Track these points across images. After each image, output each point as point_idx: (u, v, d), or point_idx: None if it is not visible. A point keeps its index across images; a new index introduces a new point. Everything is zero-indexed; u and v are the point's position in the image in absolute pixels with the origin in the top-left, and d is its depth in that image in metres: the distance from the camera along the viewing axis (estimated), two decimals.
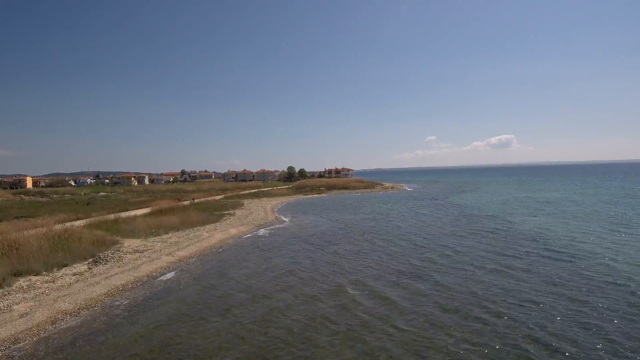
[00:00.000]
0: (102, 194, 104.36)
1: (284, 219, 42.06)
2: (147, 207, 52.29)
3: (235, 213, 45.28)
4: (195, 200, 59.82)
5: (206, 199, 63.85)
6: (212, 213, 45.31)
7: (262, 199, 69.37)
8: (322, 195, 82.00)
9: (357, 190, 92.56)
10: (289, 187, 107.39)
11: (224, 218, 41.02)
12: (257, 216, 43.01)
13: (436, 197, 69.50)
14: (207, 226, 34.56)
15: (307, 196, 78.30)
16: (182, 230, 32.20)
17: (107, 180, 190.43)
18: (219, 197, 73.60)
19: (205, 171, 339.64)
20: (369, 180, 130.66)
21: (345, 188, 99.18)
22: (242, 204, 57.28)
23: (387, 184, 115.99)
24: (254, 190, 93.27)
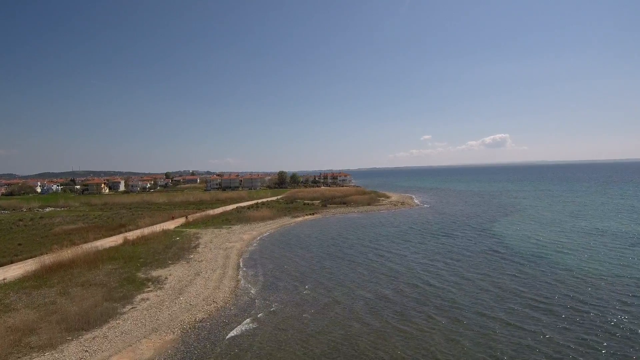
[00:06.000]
0: (47, 209, 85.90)
1: (242, 297, 24.23)
2: (51, 251, 34.60)
3: (169, 276, 27.42)
4: (134, 235, 41.77)
5: (152, 230, 45.85)
6: (135, 274, 27.64)
7: (233, 227, 51.50)
8: (315, 217, 64.35)
9: (358, 208, 74.99)
10: (277, 200, 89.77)
11: (139, 295, 23.20)
12: (203, 288, 25.21)
13: (466, 222, 52.29)
14: (66, 353, 16.72)
15: (296, 219, 60.61)
16: None
17: (77, 187, 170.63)
18: (177, 222, 55.66)
19: (192, 173, 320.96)
20: (371, 190, 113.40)
21: (343, 203, 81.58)
22: (198, 244, 39.44)
23: (393, 197, 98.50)
24: (232, 207, 75.43)
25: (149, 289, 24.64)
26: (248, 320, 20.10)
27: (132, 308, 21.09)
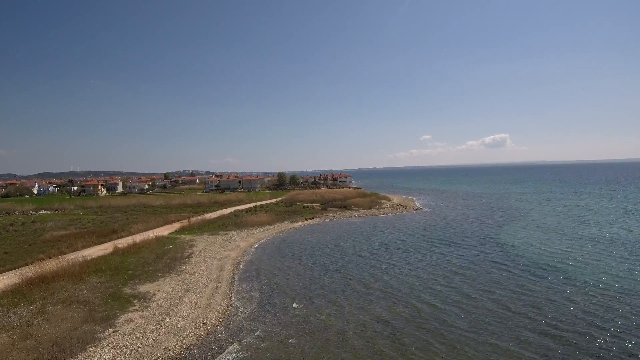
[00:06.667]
0: (41, 212, 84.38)
1: (235, 318, 22.68)
2: (36, 261, 33.26)
3: (157, 292, 25.93)
4: (125, 243, 40.27)
5: (145, 236, 44.32)
6: (121, 288, 26.17)
7: (230, 233, 50.04)
8: (315, 221, 62.89)
9: (358, 212, 73.51)
10: (275, 203, 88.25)
11: (123, 316, 21.66)
12: (193, 307, 23.69)
13: (468, 229, 50.82)
14: None
15: (296, 224, 59.15)
16: None
17: (74, 188, 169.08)
18: (173, 227, 54.18)
19: (192, 174, 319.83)
20: (371, 192, 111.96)
21: (344, 206, 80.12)
22: (192, 253, 37.97)
23: (395, 199, 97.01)
24: (229, 211, 73.97)
25: (134, 307, 23.13)
26: (236, 345, 18.59)
27: (114, 332, 19.58)
